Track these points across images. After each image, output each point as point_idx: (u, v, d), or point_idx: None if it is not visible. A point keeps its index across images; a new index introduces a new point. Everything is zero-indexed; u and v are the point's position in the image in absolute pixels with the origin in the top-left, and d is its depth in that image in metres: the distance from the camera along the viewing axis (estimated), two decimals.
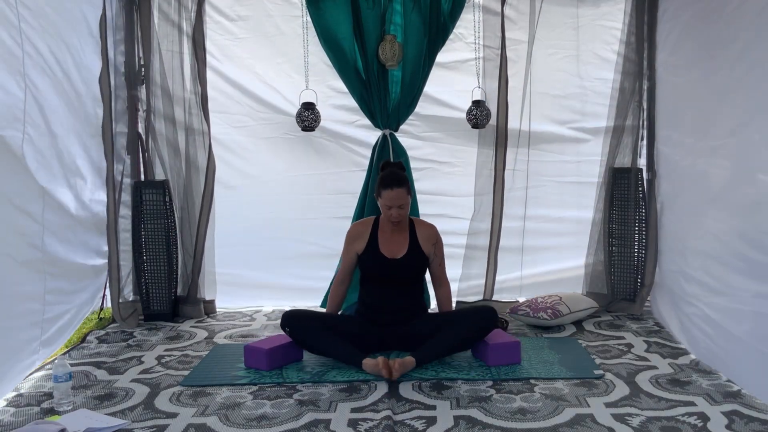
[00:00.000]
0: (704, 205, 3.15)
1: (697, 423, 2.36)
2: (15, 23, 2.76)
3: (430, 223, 3.29)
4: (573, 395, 2.66)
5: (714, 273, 2.99)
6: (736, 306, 2.77)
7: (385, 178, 3.10)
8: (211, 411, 2.57)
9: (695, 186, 3.29)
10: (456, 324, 3.04)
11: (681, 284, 3.38)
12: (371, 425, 2.41)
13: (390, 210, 3.07)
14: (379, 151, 3.88)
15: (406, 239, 3.17)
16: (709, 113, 3.11)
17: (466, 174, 4.11)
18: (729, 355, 2.82)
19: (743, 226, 2.75)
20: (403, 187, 3.07)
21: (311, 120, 3.87)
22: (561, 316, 3.62)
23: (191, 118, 3.92)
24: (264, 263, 4.19)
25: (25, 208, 2.86)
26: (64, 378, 2.60)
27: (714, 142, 3.05)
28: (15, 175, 2.77)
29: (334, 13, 3.76)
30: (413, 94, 3.88)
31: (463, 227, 4.11)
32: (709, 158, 3.09)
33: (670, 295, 3.55)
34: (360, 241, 3.18)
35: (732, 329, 2.78)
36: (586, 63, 4.05)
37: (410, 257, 3.14)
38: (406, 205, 3.10)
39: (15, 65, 2.79)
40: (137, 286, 3.94)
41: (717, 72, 3.03)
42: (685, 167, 3.44)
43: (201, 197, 3.96)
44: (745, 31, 2.79)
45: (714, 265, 2.99)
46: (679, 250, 3.47)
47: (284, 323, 3.08)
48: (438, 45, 3.86)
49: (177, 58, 3.90)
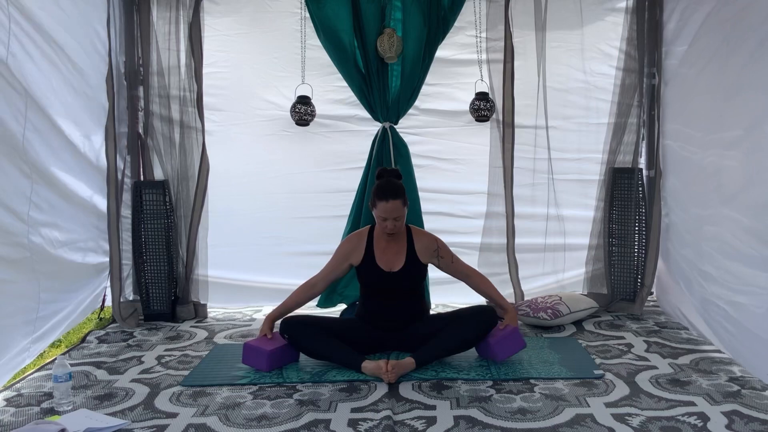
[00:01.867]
0: (717, 200, 3.15)
1: (697, 423, 2.36)
2: (5, 24, 2.76)
3: (428, 233, 3.24)
4: (573, 395, 2.66)
5: (731, 269, 2.99)
6: (756, 302, 2.77)
7: (380, 189, 3.01)
8: (211, 411, 2.57)
9: (708, 181, 3.29)
10: (455, 325, 3.04)
11: (696, 279, 3.38)
12: (371, 425, 2.41)
13: (385, 222, 3.00)
14: (379, 144, 3.87)
15: (403, 251, 3.11)
16: (721, 109, 3.11)
17: (468, 171, 4.11)
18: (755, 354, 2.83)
19: (757, 223, 2.77)
20: (399, 198, 2.98)
21: (305, 113, 3.87)
22: (561, 316, 3.62)
23: (187, 117, 3.91)
24: (259, 262, 4.16)
25: (13, 207, 2.85)
26: (64, 378, 2.60)
27: (727, 136, 3.05)
28: (3, 174, 2.77)
29: (334, 7, 3.76)
30: (413, 86, 3.87)
31: (463, 226, 4.11)
32: (722, 152, 3.09)
33: (686, 291, 3.53)
34: (356, 254, 3.11)
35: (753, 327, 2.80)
36: (590, 58, 4.03)
37: (408, 270, 3.08)
38: (402, 216, 3.01)
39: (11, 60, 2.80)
40: (137, 286, 3.94)
41: (730, 68, 3.03)
42: (695, 162, 3.43)
43: (193, 197, 3.94)
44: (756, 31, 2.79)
45: (731, 261, 2.99)
46: (690, 244, 3.47)
47: (283, 329, 3.07)
48: (438, 38, 3.85)
49: (174, 56, 3.89)
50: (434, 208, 4.06)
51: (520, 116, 3.96)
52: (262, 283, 4.17)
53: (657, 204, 3.88)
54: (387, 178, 3.10)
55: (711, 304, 3.22)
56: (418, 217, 3.85)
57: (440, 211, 4.11)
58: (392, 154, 3.86)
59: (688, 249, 3.55)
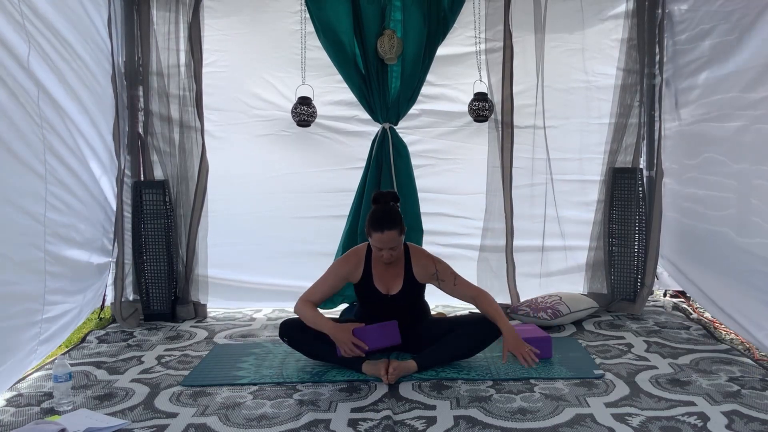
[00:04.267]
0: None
1: (697, 423, 2.36)
2: (20, 21, 2.78)
3: (426, 255, 3.11)
4: (573, 395, 2.66)
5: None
6: None
7: (375, 219, 2.89)
8: (211, 411, 2.57)
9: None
10: (459, 332, 3.00)
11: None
12: (371, 425, 2.41)
13: (381, 252, 2.91)
14: (379, 145, 3.87)
15: (401, 273, 3.04)
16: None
17: (467, 171, 4.10)
18: None
19: None
20: (395, 229, 2.86)
21: (307, 114, 3.87)
22: (561, 316, 3.62)
23: (186, 117, 3.91)
24: (259, 262, 4.16)
25: (26, 207, 2.86)
26: (64, 378, 2.60)
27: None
28: (16, 175, 2.78)
29: (334, 8, 3.76)
30: (413, 87, 3.86)
31: (464, 226, 4.11)
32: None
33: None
34: (355, 273, 3.05)
35: None
36: (591, 58, 4.02)
37: (406, 292, 3.05)
38: (398, 246, 2.92)
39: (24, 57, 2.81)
40: (137, 286, 3.95)
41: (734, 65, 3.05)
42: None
43: (193, 197, 3.94)
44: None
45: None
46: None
47: (282, 333, 3.07)
48: (438, 39, 3.85)
49: (174, 56, 3.89)
50: (433, 209, 4.06)
51: (519, 117, 3.95)
52: (262, 283, 4.17)
53: (657, 204, 3.88)
54: (383, 205, 2.99)
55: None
56: (417, 217, 3.84)
57: (439, 212, 4.10)
58: (392, 155, 3.86)
59: None
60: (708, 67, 3.47)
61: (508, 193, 3.95)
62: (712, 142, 3.46)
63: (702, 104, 3.56)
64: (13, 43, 2.74)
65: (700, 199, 3.64)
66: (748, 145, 3.07)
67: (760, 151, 2.96)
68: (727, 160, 3.29)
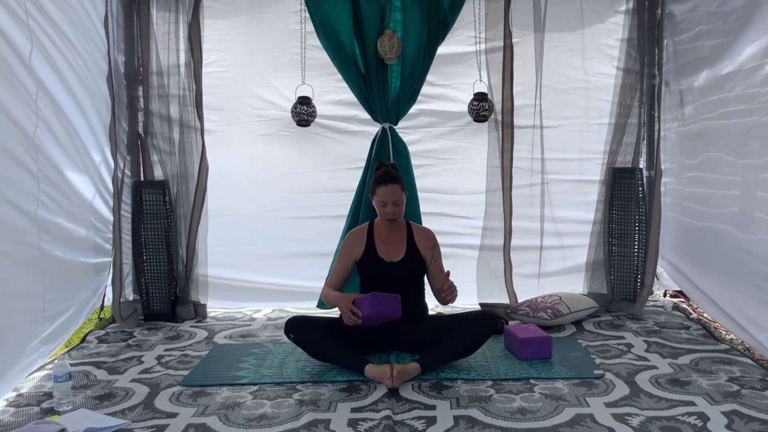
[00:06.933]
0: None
1: (697, 423, 2.36)
2: (24, 19, 2.78)
3: (427, 228, 3.30)
4: (573, 395, 2.66)
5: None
6: None
7: (379, 176, 3.12)
8: (211, 411, 2.57)
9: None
10: (458, 331, 3.02)
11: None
12: (371, 425, 2.41)
13: (385, 207, 3.08)
14: (378, 145, 3.87)
15: (403, 242, 3.17)
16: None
17: (466, 170, 4.10)
18: None
19: None
20: (398, 183, 3.08)
21: (307, 114, 3.87)
22: (561, 316, 3.62)
23: (186, 117, 3.90)
24: (259, 262, 4.16)
25: (20, 205, 2.85)
26: (64, 378, 2.60)
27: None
28: (12, 174, 2.77)
29: (334, 8, 3.76)
30: (413, 87, 3.86)
31: (463, 226, 4.11)
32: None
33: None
34: (358, 248, 3.16)
35: None
36: (591, 58, 4.02)
37: (408, 260, 3.14)
38: (401, 201, 3.11)
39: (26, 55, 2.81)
40: (137, 286, 3.95)
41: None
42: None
43: (193, 197, 3.94)
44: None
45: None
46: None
47: (288, 330, 3.07)
48: (438, 39, 3.85)
49: (174, 56, 3.88)
50: (433, 208, 4.05)
51: (519, 117, 3.95)
52: (262, 283, 4.17)
53: (657, 204, 3.88)
54: (385, 168, 3.19)
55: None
56: (417, 217, 3.84)
57: (439, 212, 4.10)
58: (391, 155, 3.85)
59: None
60: (708, 66, 3.47)
61: (508, 193, 3.95)
62: (713, 141, 3.46)
63: (703, 104, 3.56)
64: (16, 41, 2.73)
65: (701, 198, 3.64)
66: (753, 140, 3.06)
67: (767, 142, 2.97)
68: (730, 157, 3.29)
